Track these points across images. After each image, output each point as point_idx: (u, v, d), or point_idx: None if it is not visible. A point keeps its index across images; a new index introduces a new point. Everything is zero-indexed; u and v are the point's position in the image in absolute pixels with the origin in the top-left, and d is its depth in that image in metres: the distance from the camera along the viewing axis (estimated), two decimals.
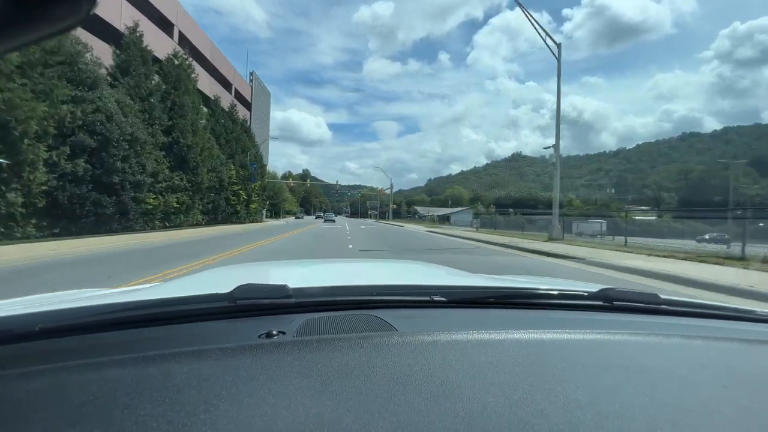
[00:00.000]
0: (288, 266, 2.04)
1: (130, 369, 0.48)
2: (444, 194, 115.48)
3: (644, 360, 0.56)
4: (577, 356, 0.56)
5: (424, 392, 0.44)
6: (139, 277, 5.66)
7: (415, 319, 0.81)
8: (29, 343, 0.63)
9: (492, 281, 1.37)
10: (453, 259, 8.96)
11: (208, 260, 7.90)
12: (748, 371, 0.56)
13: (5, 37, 0.31)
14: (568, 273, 7.15)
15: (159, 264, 7.19)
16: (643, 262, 7.76)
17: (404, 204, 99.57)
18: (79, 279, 5.56)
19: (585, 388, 0.47)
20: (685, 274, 6.31)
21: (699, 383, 0.50)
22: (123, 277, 5.66)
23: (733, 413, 0.43)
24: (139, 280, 5.36)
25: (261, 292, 0.77)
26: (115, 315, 0.71)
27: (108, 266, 6.89)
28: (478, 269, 3.11)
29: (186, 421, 0.38)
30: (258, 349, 0.53)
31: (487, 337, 0.60)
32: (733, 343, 0.66)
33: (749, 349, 0.64)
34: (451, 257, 9.36)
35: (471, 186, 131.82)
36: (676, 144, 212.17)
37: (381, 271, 1.70)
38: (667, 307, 0.92)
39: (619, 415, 0.41)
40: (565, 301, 0.96)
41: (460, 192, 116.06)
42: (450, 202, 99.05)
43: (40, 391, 0.43)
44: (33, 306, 0.96)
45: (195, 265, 6.92)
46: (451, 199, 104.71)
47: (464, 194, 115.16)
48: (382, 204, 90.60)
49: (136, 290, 1.15)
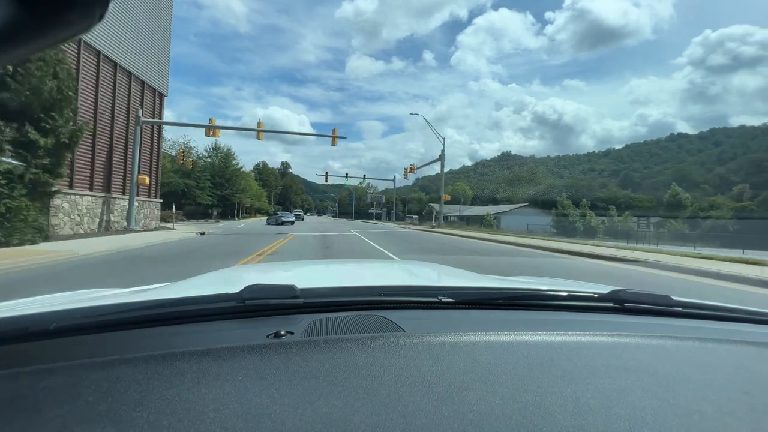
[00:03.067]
0: (296, 267, 2.08)
1: (141, 367, 0.48)
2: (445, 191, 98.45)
3: (656, 363, 0.55)
4: (586, 358, 0.55)
5: (431, 393, 0.43)
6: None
7: (423, 320, 0.82)
8: (44, 342, 0.64)
9: (500, 282, 1.36)
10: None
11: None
12: (766, 376, 0.54)
13: (20, 42, 0.30)
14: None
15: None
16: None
17: (400, 203, 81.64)
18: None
19: (595, 390, 0.46)
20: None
21: (714, 387, 0.49)
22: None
23: (751, 419, 0.42)
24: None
25: (269, 293, 0.78)
26: (126, 314, 0.72)
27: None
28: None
29: (196, 419, 0.38)
30: (266, 348, 0.53)
31: (495, 338, 0.60)
32: (749, 347, 0.64)
33: (766, 354, 0.62)
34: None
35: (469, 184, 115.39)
36: (665, 144, 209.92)
37: (388, 271, 1.70)
38: (680, 309, 0.91)
39: (630, 419, 0.40)
40: (574, 302, 0.95)
41: (463, 189, 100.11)
42: (462, 200, 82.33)
43: (53, 389, 0.43)
44: (48, 305, 0.98)
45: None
46: (453, 196, 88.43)
47: (468, 191, 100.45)
48: (387, 201, 72.43)
49: (148, 290, 1.17)
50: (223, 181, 49.24)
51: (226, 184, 49.32)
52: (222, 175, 49.34)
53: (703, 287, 6.35)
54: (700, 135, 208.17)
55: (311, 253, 10.12)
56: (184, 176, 43.99)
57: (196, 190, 43.85)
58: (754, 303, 2.21)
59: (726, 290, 6.15)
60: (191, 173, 44.39)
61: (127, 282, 4.99)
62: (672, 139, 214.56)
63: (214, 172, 48.91)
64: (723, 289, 6.21)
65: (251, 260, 8.48)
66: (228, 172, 49.97)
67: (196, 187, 44.07)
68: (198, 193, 43.89)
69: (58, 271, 6.36)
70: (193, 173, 44.40)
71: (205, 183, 45.24)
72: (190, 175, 44.26)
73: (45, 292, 1.46)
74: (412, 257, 9.79)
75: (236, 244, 12.54)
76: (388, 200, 72.90)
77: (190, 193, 43.41)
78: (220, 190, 48.38)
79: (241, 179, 51.73)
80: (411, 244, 14.57)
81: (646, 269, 8.45)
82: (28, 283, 5.45)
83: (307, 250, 11.05)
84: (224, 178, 49.40)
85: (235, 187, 50.14)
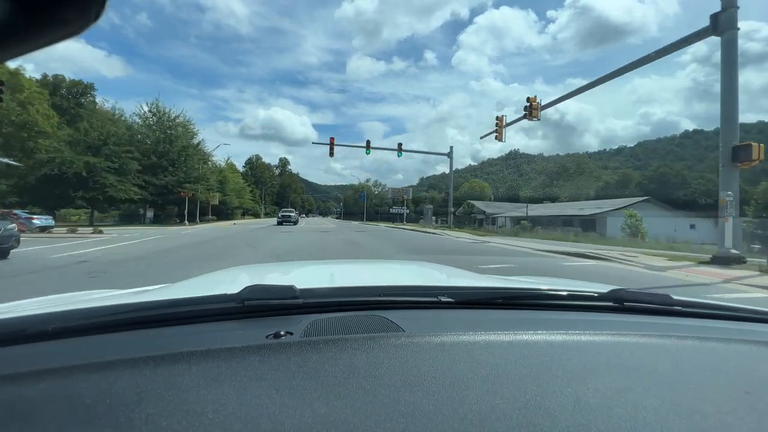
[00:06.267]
0: (295, 267, 2.04)
1: (140, 368, 0.47)
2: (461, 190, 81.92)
3: (656, 362, 0.55)
4: (586, 358, 0.55)
5: (431, 393, 0.43)
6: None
7: (422, 320, 0.81)
8: (42, 343, 0.64)
9: (500, 282, 1.36)
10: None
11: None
12: (767, 375, 0.54)
13: (16, 40, 0.30)
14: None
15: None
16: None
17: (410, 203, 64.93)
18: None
19: (595, 390, 0.45)
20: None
21: (714, 386, 0.49)
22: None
23: (752, 418, 0.42)
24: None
25: (269, 293, 0.77)
26: (125, 315, 0.72)
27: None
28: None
29: (195, 420, 0.38)
30: (266, 349, 0.53)
31: (495, 338, 0.60)
32: (750, 346, 0.63)
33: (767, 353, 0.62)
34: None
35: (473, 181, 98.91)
36: (680, 141, 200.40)
37: (388, 271, 1.68)
38: (680, 308, 0.90)
39: (631, 419, 0.40)
40: (574, 302, 0.94)
41: (480, 186, 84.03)
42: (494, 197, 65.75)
43: (52, 390, 0.43)
44: (46, 306, 0.97)
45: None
46: (471, 195, 72.24)
47: (486, 188, 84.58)
48: (394, 200, 55.74)
49: (147, 291, 1.16)
50: (166, 163, 31.36)
51: (170, 168, 31.45)
52: (165, 155, 31.46)
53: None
54: (716, 131, 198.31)
55: None
56: (86, 150, 26.05)
57: (108, 176, 26.01)
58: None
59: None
60: (101, 147, 26.47)
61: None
62: (687, 136, 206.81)
63: (148, 148, 30.88)
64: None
65: None
66: (174, 149, 32.01)
67: (109, 170, 26.23)
68: (111, 180, 25.96)
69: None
70: (105, 147, 26.55)
71: (128, 164, 27.41)
72: (99, 150, 26.37)
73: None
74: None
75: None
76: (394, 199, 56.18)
77: (97, 180, 25.59)
78: (159, 178, 30.47)
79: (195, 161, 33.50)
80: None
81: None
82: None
83: None
84: (167, 158, 31.51)
85: (184, 171, 31.83)
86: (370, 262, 3.45)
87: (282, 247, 11.18)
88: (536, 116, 13.99)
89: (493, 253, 11.20)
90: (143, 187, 29.06)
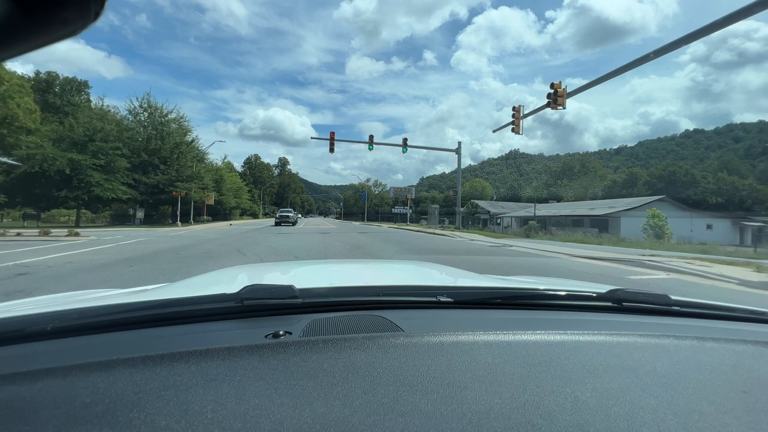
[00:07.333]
0: (294, 267, 1.99)
1: (138, 368, 0.47)
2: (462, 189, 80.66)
3: (655, 362, 0.55)
4: (585, 358, 0.55)
5: (430, 393, 0.43)
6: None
7: (421, 319, 0.81)
8: (41, 343, 0.64)
9: (499, 282, 1.35)
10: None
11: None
12: (765, 375, 0.54)
13: (15, 40, 0.29)
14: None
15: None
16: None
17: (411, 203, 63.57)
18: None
19: (593, 390, 0.46)
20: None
21: (712, 386, 0.49)
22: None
23: (749, 418, 0.42)
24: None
25: (268, 293, 0.77)
26: (124, 315, 0.72)
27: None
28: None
29: (193, 420, 0.38)
30: (265, 349, 0.53)
31: (494, 338, 0.60)
32: (748, 346, 0.63)
33: (765, 353, 0.62)
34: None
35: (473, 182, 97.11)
36: (681, 141, 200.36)
37: (387, 271, 1.67)
38: (678, 309, 0.90)
39: (629, 418, 0.40)
40: (573, 302, 0.94)
41: (482, 185, 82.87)
42: (496, 197, 64.30)
43: (50, 390, 0.43)
44: (45, 306, 0.97)
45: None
46: (471, 194, 70.87)
47: (487, 188, 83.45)
48: (396, 200, 54.31)
49: (146, 290, 1.16)
50: (158, 161, 29.73)
51: (162, 165, 29.82)
52: (156, 152, 29.82)
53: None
54: (717, 131, 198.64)
55: None
56: (71, 147, 24.45)
57: (94, 174, 24.42)
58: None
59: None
60: (87, 143, 24.87)
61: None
62: (687, 136, 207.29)
63: (138, 145, 29.17)
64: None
65: None
66: (166, 146, 30.35)
67: (96, 168, 24.61)
68: (97, 178, 24.36)
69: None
70: (92, 144, 24.95)
71: (116, 161, 25.82)
72: (85, 146, 24.77)
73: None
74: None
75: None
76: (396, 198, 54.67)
77: (82, 178, 24.00)
78: (149, 176, 28.86)
79: (189, 159, 31.85)
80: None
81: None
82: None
83: None
84: (159, 156, 29.88)
85: (176, 169, 29.98)
86: (369, 261, 3.37)
87: (278, 253, 9.71)
88: (562, 104, 12.52)
89: (528, 265, 9.72)
90: (133, 186, 27.45)
